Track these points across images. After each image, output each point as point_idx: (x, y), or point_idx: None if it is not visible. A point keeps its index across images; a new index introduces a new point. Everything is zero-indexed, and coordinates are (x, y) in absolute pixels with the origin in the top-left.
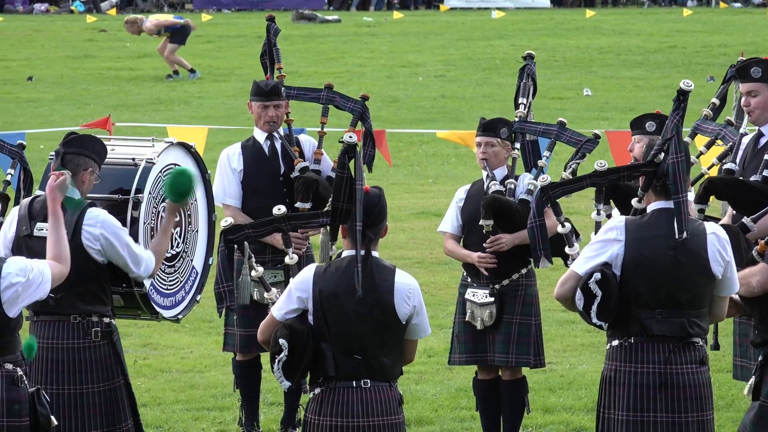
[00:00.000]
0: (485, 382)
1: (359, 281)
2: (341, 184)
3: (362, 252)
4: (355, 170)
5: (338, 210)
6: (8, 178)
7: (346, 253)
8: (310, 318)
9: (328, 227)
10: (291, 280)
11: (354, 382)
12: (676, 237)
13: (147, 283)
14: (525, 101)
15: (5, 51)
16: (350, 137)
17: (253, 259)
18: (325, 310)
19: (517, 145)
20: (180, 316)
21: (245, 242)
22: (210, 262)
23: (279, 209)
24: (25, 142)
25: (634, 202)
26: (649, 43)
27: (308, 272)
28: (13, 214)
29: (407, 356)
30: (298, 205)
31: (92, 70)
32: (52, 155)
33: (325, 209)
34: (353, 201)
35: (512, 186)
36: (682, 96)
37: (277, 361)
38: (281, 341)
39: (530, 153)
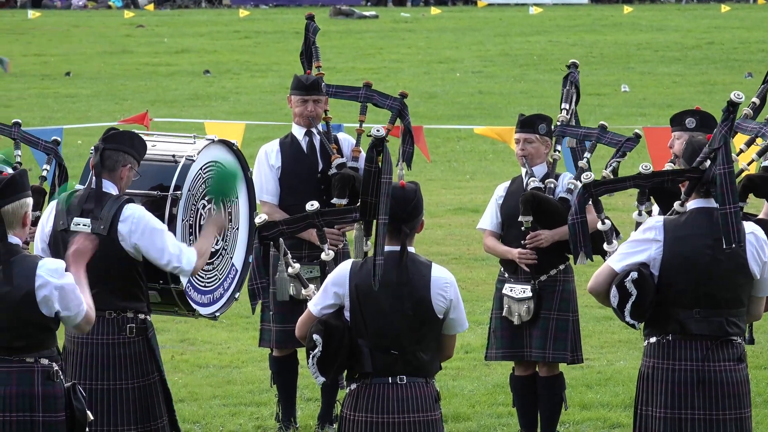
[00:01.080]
0: (522, 378)
1: (376, 274)
2: (370, 178)
3: (397, 247)
4: (383, 164)
5: (368, 204)
6: (44, 173)
7: None
8: (347, 314)
9: (362, 222)
10: (327, 275)
11: (390, 378)
12: (724, 248)
13: (184, 280)
14: (567, 107)
15: (43, 46)
16: (378, 131)
17: (290, 256)
18: (361, 306)
19: (559, 147)
20: (217, 314)
21: (281, 239)
22: (250, 261)
23: (312, 205)
24: (60, 139)
25: (676, 205)
26: (687, 39)
27: (344, 268)
28: (51, 207)
29: (445, 351)
30: (334, 201)
31: (130, 66)
32: (92, 151)
33: (357, 204)
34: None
35: (552, 185)
36: (732, 107)
37: (311, 356)
38: (315, 337)
39: (578, 154)
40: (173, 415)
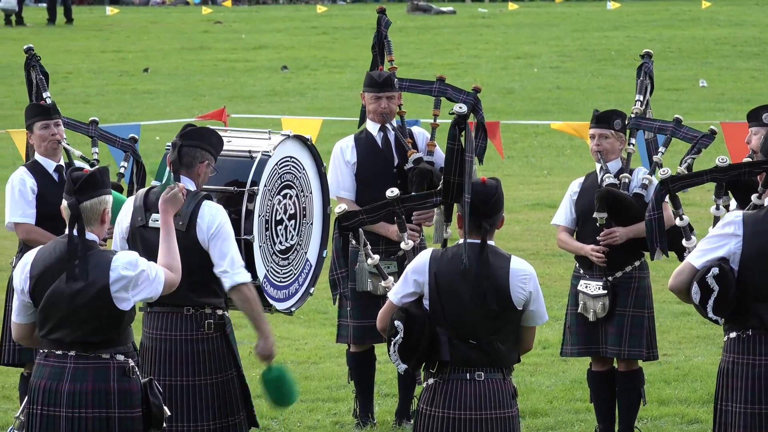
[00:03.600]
0: (600, 373)
1: (465, 253)
2: (452, 156)
3: (478, 240)
4: (466, 142)
5: (450, 184)
6: (122, 170)
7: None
8: (426, 303)
9: (443, 207)
10: (407, 264)
11: (468, 374)
12: None
13: (261, 275)
14: (642, 98)
15: (122, 43)
16: (460, 108)
17: (369, 247)
18: (440, 294)
19: (633, 141)
20: (293, 309)
21: (360, 230)
22: (324, 255)
23: (392, 191)
24: (137, 136)
25: (753, 197)
26: (766, 33)
27: (424, 256)
28: (128, 204)
29: (525, 344)
30: None
31: (207, 62)
32: (168, 147)
33: (438, 188)
34: (464, 174)
35: (626, 180)
36: None
37: (393, 343)
38: (397, 323)
39: (651, 150)
40: (251, 411)
